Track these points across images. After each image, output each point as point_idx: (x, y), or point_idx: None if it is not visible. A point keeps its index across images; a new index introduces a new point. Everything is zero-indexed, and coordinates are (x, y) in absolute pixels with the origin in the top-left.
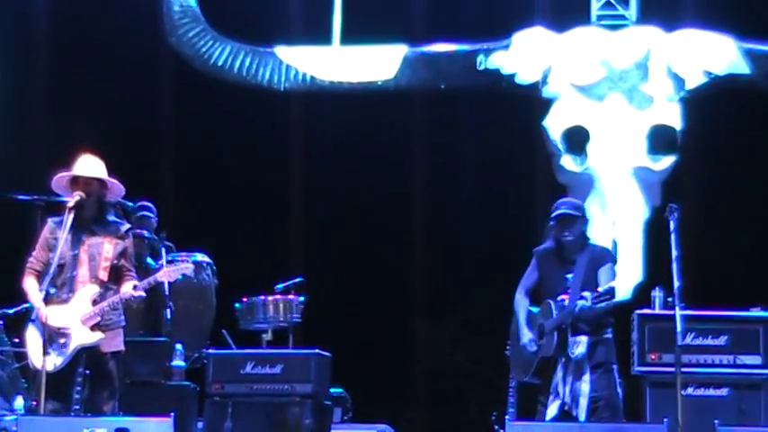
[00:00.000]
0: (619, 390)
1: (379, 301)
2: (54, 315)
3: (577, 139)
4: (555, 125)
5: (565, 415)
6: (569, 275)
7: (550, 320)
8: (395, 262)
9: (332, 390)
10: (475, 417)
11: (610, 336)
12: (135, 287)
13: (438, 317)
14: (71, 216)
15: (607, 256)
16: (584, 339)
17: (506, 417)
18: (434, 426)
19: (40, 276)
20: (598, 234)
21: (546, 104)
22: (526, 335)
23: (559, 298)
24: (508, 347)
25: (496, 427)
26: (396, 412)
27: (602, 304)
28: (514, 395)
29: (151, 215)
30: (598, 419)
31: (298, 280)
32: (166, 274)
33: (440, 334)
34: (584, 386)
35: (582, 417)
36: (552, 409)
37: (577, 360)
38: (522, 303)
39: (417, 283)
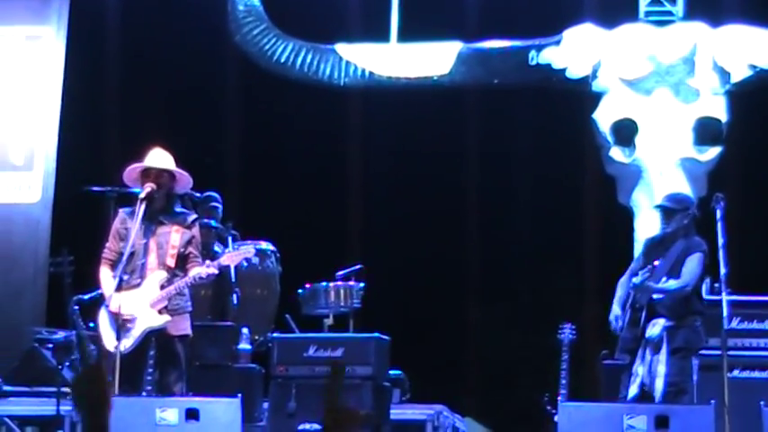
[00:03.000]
0: (694, 377)
1: (434, 287)
2: (125, 300)
3: (626, 132)
4: (604, 118)
5: (645, 395)
6: (657, 262)
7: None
8: (449, 250)
9: (390, 372)
10: (527, 398)
11: (695, 323)
12: (208, 265)
13: (490, 302)
14: (142, 207)
15: (698, 247)
16: (660, 322)
17: (558, 398)
18: (488, 407)
19: (114, 265)
20: (645, 224)
21: (595, 98)
22: (613, 312)
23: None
24: (560, 331)
25: (548, 408)
26: (451, 394)
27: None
28: (567, 377)
29: (218, 205)
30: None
31: (357, 267)
32: (229, 258)
33: (492, 318)
34: (661, 367)
35: (657, 398)
36: (633, 389)
37: (653, 341)
38: (623, 286)
39: (471, 270)
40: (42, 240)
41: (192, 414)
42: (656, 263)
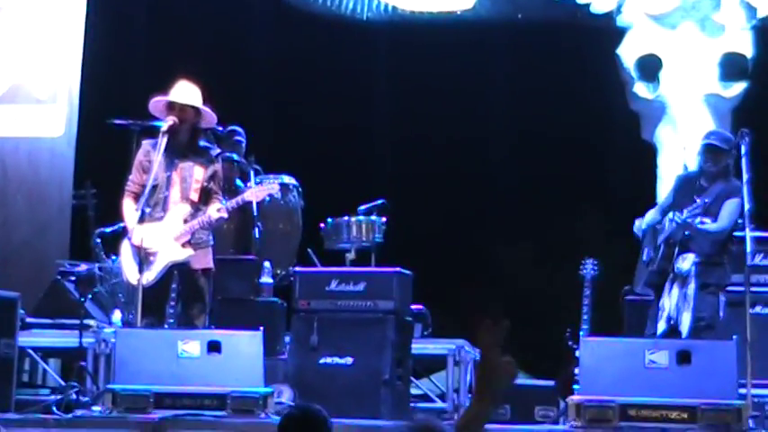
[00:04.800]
0: (721, 313)
1: (458, 222)
2: (148, 233)
3: (650, 67)
4: (628, 54)
5: (672, 330)
6: (698, 200)
7: (662, 233)
8: (473, 185)
9: (412, 307)
10: (549, 334)
11: (724, 261)
12: (219, 209)
13: (513, 238)
14: (165, 140)
15: (736, 192)
16: (690, 257)
17: (581, 333)
18: (510, 341)
19: (138, 197)
20: (669, 160)
21: (620, 34)
22: (637, 224)
23: (676, 215)
24: (582, 267)
25: (570, 343)
26: (473, 329)
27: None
28: (589, 312)
29: (241, 140)
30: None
31: (380, 202)
32: (253, 194)
33: (515, 254)
34: (689, 302)
35: (684, 332)
36: (661, 324)
37: (682, 275)
38: (650, 216)
39: (495, 206)
40: (66, 174)
41: (214, 347)
42: (698, 201)
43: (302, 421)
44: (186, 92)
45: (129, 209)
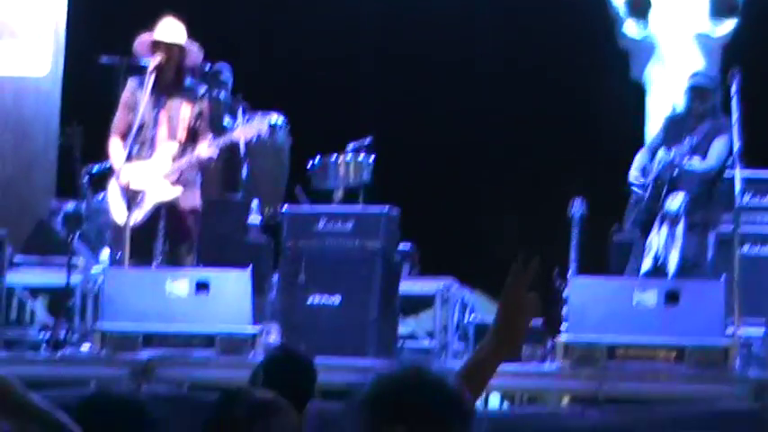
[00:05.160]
0: (709, 253)
1: (445, 159)
2: (135, 172)
3: (639, 5)
4: None
5: (658, 269)
6: (687, 139)
7: (651, 172)
8: (461, 122)
9: (400, 245)
10: (536, 272)
11: (714, 200)
12: (208, 147)
13: (500, 176)
14: (152, 78)
15: (725, 129)
16: (680, 195)
17: (568, 273)
18: (496, 280)
19: (124, 136)
20: (659, 100)
21: None
22: (632, 173)
23: (664, 155)
24: (571, 205)
25: (558, 282)
26: (461, 267)
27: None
28: (577, 251)
29: (228, 77)
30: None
31: (368, 140)
32: (242, 132)
33: (502, 193)
34: (677, 241)
35: (671, 271)
36: (647, 262)
37: (671, 215)
38: (640, 159)
39: (482, 143)
40: (53, 113)
41: (202, 286)
42: (686, 140)
43: (285, 362)
44: (172, 29)
45: (116, 148)
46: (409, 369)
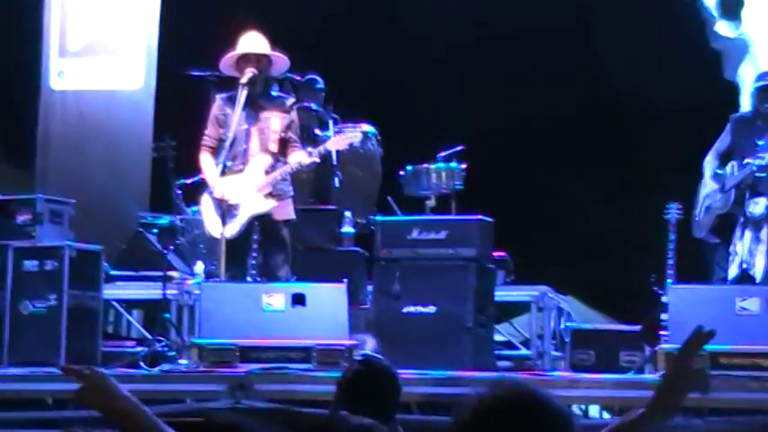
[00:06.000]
0: None
1: (538, 167)
2: (229, 186)
3: (732, 5)
4: None
5: (745, 275)
6: (761, 141)
7: (731, 178)
8: (552, 128)
9: (494, 253)
10: (631, 278)
11: None
12: (310, 154)
13: (595, 180)
14: (244, 92)
15: None
16: (762, 200)
17: (667, 279)
18: (593, 287)
19: (214, 151)
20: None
21: None
22: (709, 185)
23: (745, 160)
24: (667, 210)
25: (656, 289)
26: (555, 274)
27: None
28: (674, 257)
29: (322, 88)
30: None
31: (459, 148)
32: (335, 143)
33: (597, 196)
34: (762, 246)
35: (758, 276)
36: (733, 269)
37: (755, 219)
38: (711, 164)
39: (575, 149)
40: (146, 126)
41: (298, 299)
42: (761, 142)
43: (368, 376)
44: (256, 42)
45: (208, 163)
46: (515, 389)
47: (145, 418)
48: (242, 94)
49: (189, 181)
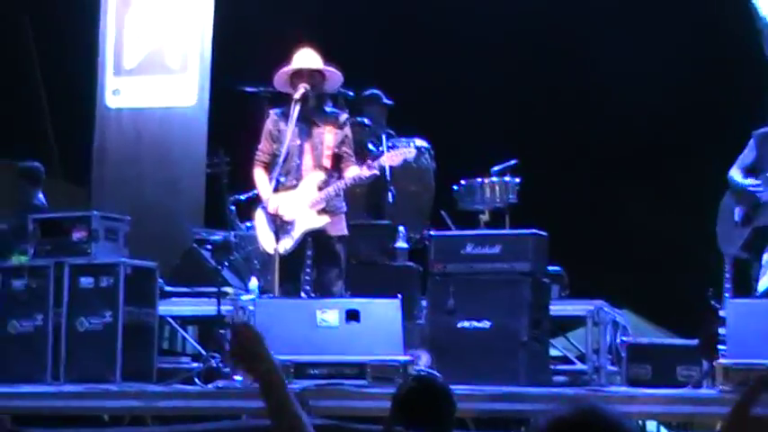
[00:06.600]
0: None
1: (593, 181)
2: (283, 201)
3: None
4: (765, 1)
5: None
6: None
7: (764, 192)
8: (606, 141)
9: (549, 267)
10: (690, 292)
11: None
12: (369, 166)
13: (649, 194)
14: (297, 108)
15: None
16: None
17: (725, 293)
18: (651, 302)
19: (268, 167)
20: None
21: None
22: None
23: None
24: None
25: (713, 303)
26: (611, 288)
27: None
28: (731, 271)
29: (388, 102)
30: None
31: (513, 162)
32: (389, 158)
33: (652, 211)
34: None
35: None
36: (763, 281)
37: None
38: (736, 177)
39: (631, 162)
40: (200, 142)
41: (352, 315)
42: None
43: (422, 393)
44: (309, 57)
45: (261, 179)
46: (585, 410)
47: (281, 392)
48: (295, 110)
49: (243, 197)
